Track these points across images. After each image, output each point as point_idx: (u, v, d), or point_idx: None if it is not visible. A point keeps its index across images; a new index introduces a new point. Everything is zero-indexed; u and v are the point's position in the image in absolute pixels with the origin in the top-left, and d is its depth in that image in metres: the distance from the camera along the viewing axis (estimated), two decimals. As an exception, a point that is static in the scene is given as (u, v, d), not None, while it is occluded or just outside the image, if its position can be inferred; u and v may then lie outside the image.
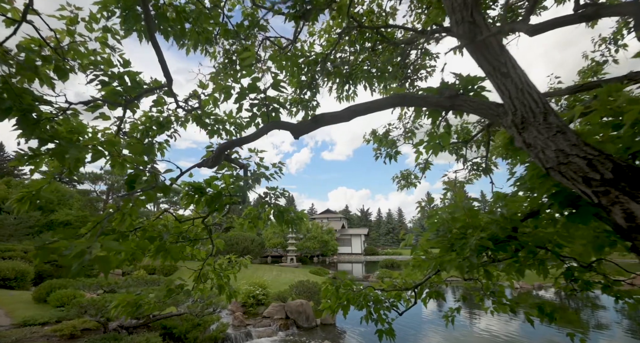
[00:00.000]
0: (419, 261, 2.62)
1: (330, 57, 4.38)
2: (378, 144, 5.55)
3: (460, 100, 1.87)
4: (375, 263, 37.76)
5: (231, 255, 3.92)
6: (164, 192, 1.93)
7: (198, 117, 3.16)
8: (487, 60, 1.64)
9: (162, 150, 3.13)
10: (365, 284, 3.40)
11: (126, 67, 2.48)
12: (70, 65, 2.43)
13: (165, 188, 1.95)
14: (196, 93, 2.80)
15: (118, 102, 2.33)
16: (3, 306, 10.23)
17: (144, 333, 8.14)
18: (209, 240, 3.22)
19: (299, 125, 2.12)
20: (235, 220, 3.35)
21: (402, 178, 5.95)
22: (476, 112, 1.84)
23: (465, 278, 3.48)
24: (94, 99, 2.22)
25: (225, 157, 2.58)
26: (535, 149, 1.52)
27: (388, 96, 1.98)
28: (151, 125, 2.96)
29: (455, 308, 3.54)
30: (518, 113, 1.59)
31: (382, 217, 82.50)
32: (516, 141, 1.64)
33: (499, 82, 1.64)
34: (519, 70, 1.62)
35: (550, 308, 3.11)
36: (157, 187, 1.89)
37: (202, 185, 2.89)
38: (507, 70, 1.61)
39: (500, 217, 2.20)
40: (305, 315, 12.36)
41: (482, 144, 5.65)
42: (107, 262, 1.28)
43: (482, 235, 2.05)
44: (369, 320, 3.05)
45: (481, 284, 3.55)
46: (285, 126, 2.12)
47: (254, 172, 3.00)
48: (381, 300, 2.96)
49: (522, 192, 2.39)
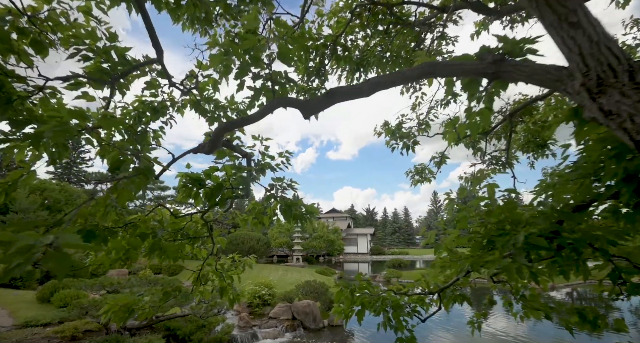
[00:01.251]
0: (445, 261, 2.29)
1: (340, 41, 4.05)
2: (390, 136, 5.21)
3: (508, 66, 1.53)
4: (382, 263, 37.31)
5: (235, 254, 3.62)
6: (146, 174, 1.62)
7: (196, 102, 2.86)
8: (551, 7, 1.30)
9: (158, 139, 2.83)
10: (379, 287, 3.07)
11: (113, 42, 2.18)
12: (50, 39, 2.14)
13: (147, 171, 1.65)
14: (193, 73, 2.49)
15: (103, 78, 2.04)
16: (7, 306, 10.11)
17: (147, 335, 7.92)
18: (209, 238, 2.93)
19: (309, 102, 1.80)
20: (238, 216, 3.04)
21: (416, 173, 5.61)
22: (529, 79, 1.50)
23: (495, 281, 3.14)
24: (74, 74, 1.93)
25: (225, 144, 2.27)
26: (618, 117, 1.18)
27: (416, 66, 1.66)
28: (145, 111, 2.67)
29: (482, 314, 3.20)
30: (592, 73, 1.25)
31: (388, 217, 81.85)
32: (587, 110, 1.30)
33: (564, 36, 1.30)
34: (592, 19, 1.27)
35: (593, 315, 2.74)
36: (140, 171, 1.59)
37: (201, 177, 2.59)
38: (577, 19, 1.26)
39: (549, 209, 1.86)
40: (313, 316, 12.06)
41: (503, 136, 5.28)
42: (63, 261, 0.98)
43: (532, 230, 1.71)
44: (387, 327, 2.73)
45: (510, 287, 3.20)
46: (293, 103, 1.80)
47: (258, 162, 2.69)
48: (401, 305, 2.63)
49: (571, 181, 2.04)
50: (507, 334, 10.69)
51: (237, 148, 2.40)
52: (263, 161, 2.70)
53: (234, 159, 2.65)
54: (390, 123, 5.13)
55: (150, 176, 1.70)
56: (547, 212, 1.84)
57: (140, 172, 1.60)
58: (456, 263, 2.19)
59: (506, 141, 5.24)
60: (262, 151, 2.68)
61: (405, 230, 76.84)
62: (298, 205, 2.65)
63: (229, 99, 2.93)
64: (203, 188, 2.63)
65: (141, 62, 2.15)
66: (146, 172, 1.62)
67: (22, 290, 13.07)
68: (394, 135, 5.16)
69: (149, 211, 2.52)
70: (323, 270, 25.33)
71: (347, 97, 1.76)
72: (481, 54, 1.61)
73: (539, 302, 3.08)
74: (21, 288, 13.28)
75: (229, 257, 3.57)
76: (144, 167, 1.68)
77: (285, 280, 19.22)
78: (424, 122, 5.23)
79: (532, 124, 5.48)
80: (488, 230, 2.10)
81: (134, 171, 1.67)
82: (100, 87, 2.12)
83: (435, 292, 2.60)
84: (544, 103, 5.53)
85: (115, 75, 2.09)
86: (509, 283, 3.20)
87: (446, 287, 2.59)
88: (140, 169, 1.59)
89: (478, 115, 1.72)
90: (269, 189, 2.69)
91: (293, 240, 34.14)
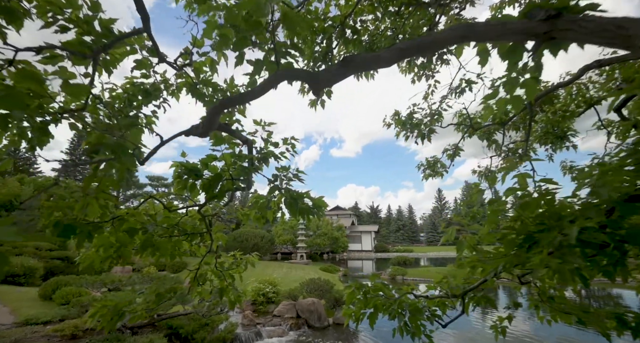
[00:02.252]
0: (474, 261, 2.01)
1: (348, 23, 3.76)
2: (401, 127, 4.92)
3: (567, 22, 1.24)
4: (386, 260, 37.03)
5: (236, 252, 3.37)
6: (124, 153, 1.37)
7: (193, 85, 2.60)
8: None
9: (151, 125, 2.57)
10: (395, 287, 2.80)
11: (95, 11, 1.92)
12: (25, 8, 1.89)
13: (123, 149, 1.39)
14: (187, 50, 2.23)
15: (84, 52, 1.78)
16: (9, 303, 10.01)
17: (149, 333, 7.74)
18: (208, 235, 2.68)
19: (320, 73, 1.52)
20: (239, 211, 2.79)
21: (427, 166, 5.31)
22: (593, 37, 1.21)
23: (522, 282, 2.86)
24: (48, 45, 1.67)
25: (224, 128, 2.01)
26: None
27: (448, 28, 1.38)
28: (135, 93, 2.41)
29: (505, 317, 2.92)
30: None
31: (392, 214, 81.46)
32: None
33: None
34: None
35: (636, 321, 2.45)
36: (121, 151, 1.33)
37: (198, 167, 2.34)
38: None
39: (604, 200, 1.57)
40: (317, 314, 11.84)
41: (522, 126, 4.96)
42: None
43: (588, 224, 1.43)
44: (404, 333, 2.46)
45: (537, 287, 2.92)
46: (302, 75, 1.53)
47: (261, 150, 2.43)
48: (420, 308, 2.37)
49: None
50: (508, 334, 10.39)
51: (237, 133, 2.13)
52: (266, 149, 2.44)
53: (234, 147, 2.39)
54: (400, 113, 4.84)
55: (134, 160, 1.45)
56: (600, 204, 1.57)
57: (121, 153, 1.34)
58: (485, 263, 1.91)
59: (525, 132, 4.93)
60: (265, 138, 2.41)
61: (410, 228, 76.45)
62: (304, 197, 2.38)
63: (228, 81, 2.67)
64: (200, 179, 2.38)
65: (126, 33, 1.88)
66: (123, 153, 1.36)
67: (25, 286, 13.00)
68: (405, 126, 4.87)
69: (140, 204, 2.27)
70: (327, 267, 25.12)
71: (365, 66, 1.49)
72: (530, 11, 1.32)
73: (569, 304, 2.79)
74: (24, 285, 13.22)
75: (230, 255, 3.32)
76: (127, 149, 1.43)
77: (289, 277, 19.04)
78: (437, 112, 4.93)
79: (552, 114, 5.16)
80: (525, 225, 1.82)
81: (116, 153, 1.41)
82: (81, 62, 1.86)
83: (460, 294, 2.33)
84: (565, 92, 5.20)
85: (98, 48, 1.83)
86: (535, 283, 2.93)
87: (472, 288, 2.32)
88: (120, 145, 1.34)
89: (523, 86, 1.44)
90: (272, 180, 2.43)
91: (297, 237, 33.97)
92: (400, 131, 4.83)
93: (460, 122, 4.91)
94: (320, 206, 2.43)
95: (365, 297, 2.44)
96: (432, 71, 4.88)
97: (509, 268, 1.85)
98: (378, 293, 2.50)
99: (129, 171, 1.58)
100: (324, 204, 2.44)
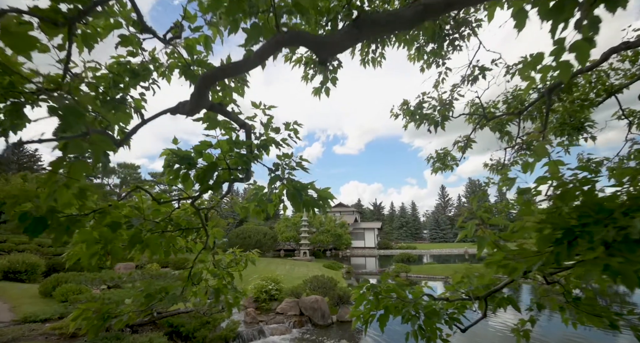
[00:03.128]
0: (502, 259, 1.77)
1: (355, 3, 3.50)
2: (410, 118, 4.66)
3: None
4: (390, 257, 36.83)
5: (235, 248, 3.15)
6: (101, 137, 1.14)
7: (185, 66, 2.36)
8: None
9: (140, 110, 2.34)
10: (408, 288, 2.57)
11: (71, -25, 1.68)
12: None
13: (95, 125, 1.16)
14: (178, 23, 1.99)
15: (56, 18, 1.55)
16: (9, 300, 9.91)
17: (149, 331, 7.59)
18: (203, 230, 2.46)
19: (328, 37, 1.28)
20: (237, 204, 2.56)
21: (437, 159, 5.05)
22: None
23: (549, 282, 2.62)
24: (12, 8, 1.44)
25: (218, 109, 1.77)
26: None
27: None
28: (122, 74, 2.18)
29: (528, 320, 2.68)
30: None
31: (395, 211, 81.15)
32: None
33: None
34: None
35: (678, 325, 2.21)
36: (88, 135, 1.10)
37: (191, 154, 2.11)
38: None
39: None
40: (321, 311, 11.67)
41: (538, 116, 4.68)
42: None
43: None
44: (418, 337, 2.23)
45: (562, 288, 2.67)
46: (307, 40, 1.28)
47: (260, 136, 2.19)
48: (437, 311, 2.13)
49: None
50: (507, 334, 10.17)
51: (234, 115, 1.89)
52: (266, 135, 2.20)
53: (230, 133, 2.16)
54: (409, 102, 4.58)
55: (109, 140, 1.22)
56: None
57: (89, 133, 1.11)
58: (518, 262, 1.67)
59: (541, 123, 4.65)
60: (265, 123, 2.17)
61: (413, 224, 76.11)
62: (308, 188, 2.14)
63: (224, 62, 2.42)
64: (194, 168, 2.15)
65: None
66: (90, 133, 1.12)
67: (27, 283, 12.93)
68: (414, 116, 4.61)
69: (125, 194, 2.05)
70: (331, 264, 24.95)
71: (381, 28, 1.24)
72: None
73: (597, 306, 2.54)
74: (26, 282, 13.15)
75: (229, 252, 3.10)
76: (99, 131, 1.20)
77: (292, 274, 18.89)
78: (448, 101, 4.66)
79: (570, 103, 4.88)
80: (563, 218, 1.58)
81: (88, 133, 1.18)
82: (54, 32, 1.63)
83: (483, 296, 2.09)
84: (583, 79, 4.91)
85: (73, 16, 1.60)
86: (560, 283, 2.68)
87: (497, 289, 2.08)
88: (93, 120, 1.10)
89: (573, 50, 1.19)
90: (273, 169, 2.19)
91: (300, 234, 33.82)
92: (409, 122, 4.58)
93: (473, 111, 4.64)
94: (326, 198, 2.18)
95: (377, 299, 2.21)
96: (443, 58, 4.61)
97: (545, 268, 1.62)
98: (390, 294, 2.27)
99: (106, 154, 1.35)
100: (330, 196, 2.20)
